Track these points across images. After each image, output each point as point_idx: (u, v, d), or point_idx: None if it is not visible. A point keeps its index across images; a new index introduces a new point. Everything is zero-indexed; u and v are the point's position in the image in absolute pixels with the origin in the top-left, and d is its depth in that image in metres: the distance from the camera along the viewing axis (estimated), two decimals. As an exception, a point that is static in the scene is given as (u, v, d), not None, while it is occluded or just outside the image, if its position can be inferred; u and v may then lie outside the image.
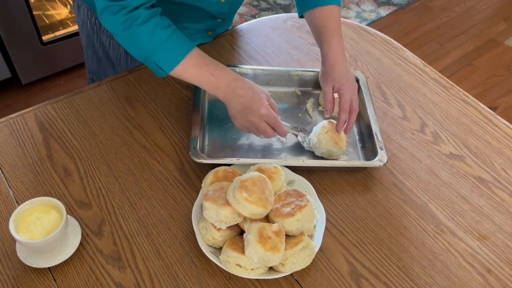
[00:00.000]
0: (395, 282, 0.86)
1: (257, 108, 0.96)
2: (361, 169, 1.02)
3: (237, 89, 0.97)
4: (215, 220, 0.82)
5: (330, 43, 1.07)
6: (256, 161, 0.96)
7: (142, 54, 0.96)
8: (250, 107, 0.96)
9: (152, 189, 0.97)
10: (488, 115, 1.16)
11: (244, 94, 0.97)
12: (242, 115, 0.98)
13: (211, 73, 0.97)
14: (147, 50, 0.94)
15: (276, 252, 0.78)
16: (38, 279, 0.83)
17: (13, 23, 2.09)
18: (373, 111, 1.09)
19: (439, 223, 0.95)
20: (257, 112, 0.96)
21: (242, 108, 0.97)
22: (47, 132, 1.05)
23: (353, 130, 1.11)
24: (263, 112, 0.96)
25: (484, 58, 2.76)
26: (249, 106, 0.96)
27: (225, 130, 1.08)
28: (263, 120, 0.97)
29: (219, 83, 0.97)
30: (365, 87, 1.14)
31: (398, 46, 1.35)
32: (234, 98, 0.97)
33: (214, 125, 1.09)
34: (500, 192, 1.01)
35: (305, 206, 0.83)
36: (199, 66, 0.97)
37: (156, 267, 0.86)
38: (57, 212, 0.83)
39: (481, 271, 0.89)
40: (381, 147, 1.01)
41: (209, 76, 0.97)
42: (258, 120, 0.96)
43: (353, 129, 1.11)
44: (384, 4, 3.07)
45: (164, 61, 0.95)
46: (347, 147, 1.07)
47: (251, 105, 0.96)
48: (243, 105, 0.97)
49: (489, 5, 3.15)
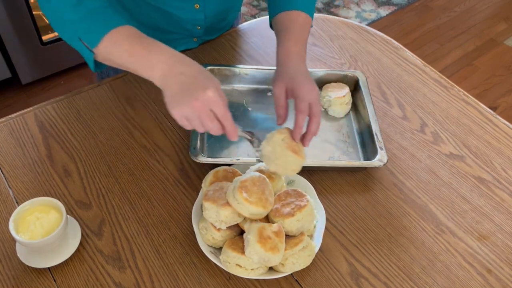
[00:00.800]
0: (395, 282, 0.86)
1: (203, 88, 0.73)
2: (361, 169, 1.02)
3: (176, 66, 0.77)
4: (215, 220, 0.82)
5: (285, 44, 0.92)
6: (255, 161, 0.96)
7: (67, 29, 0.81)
8: (194, 88, 0.74)
9: (152, 189, 0.97)
10: (488, 115, 1.16)
11: (186, 71, 0.76)
12: (181, 98, 0.75)
13: (144, 48, 0.78)
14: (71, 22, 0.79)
15: (276, 252, 0.78)
16: (38, 279, 0.83)
17: (13, 23, 2.09)
18: (373, 111, 1.09)
19: (439, 223, 0.95)
20: (203, 94, 0.73)
21: (182, 89, 0.75)
22: (47, 132, 1.05)
23: (353, 130, 1.11)
24: (210, 95, 0.73)
25: (484, 58, 2.76)
26: (193, 86, 0.74)
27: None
28: (209, 107, 0.74)
29: (155, 59, 0.78)
30: (365, 87, 1.15)
31: (398, 46, 1.35)
32: (172, 78, 0.76)
33: None
34: (500, 192, 1.01)
35: (305, 206, 0.83)
36: (131, 38, 0.79)
37: (156, 267, 0.86)
38: (57, 212, 0.83)
39: (481, 271, 0.89)
40: (381, 147, 1.01)
41: (141, 51, 0.78)
42: (202, 106, 0.74)
43: (352, 129, 1.11)
44: (384, 4, 3.07)
45: (89, 34, 0.79)
46: (347, 147, 1.07)
47: (194, 85, 0.74)
48: (184, 85, 0.75)
49: (489, 5, 3.15)
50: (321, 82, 1.18)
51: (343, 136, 1.09)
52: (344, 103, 1.12)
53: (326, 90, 1.14)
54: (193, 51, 1.26)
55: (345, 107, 1.13)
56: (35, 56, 2.26)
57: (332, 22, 1.41)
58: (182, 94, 0.75)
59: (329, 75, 1.18)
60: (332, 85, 1.15)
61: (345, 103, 1.12)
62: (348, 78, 1.18)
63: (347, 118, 1.14)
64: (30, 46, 2.20)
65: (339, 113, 1.13)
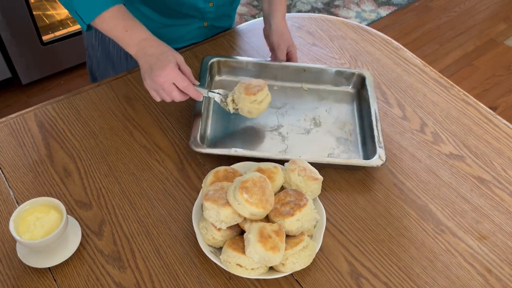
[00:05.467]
0: (395, 282, 0.86)
1: (162, 67, 0.93)
2: (360, 168, 1.02)
3: (146, 48, 0.96)
4: (215, 220, 0.82)
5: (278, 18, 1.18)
6: (254, 154, 0.98)
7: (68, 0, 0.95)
8: (156, 67, 0.93)
9: (152, 189, 0.97)
10: (488, 115, 1.16)
11: (152, 53, 0.95)
12: (149, 75, 0.95)
13: (125, 29, 0.96)
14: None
15: (276, 251, 0.78)
16: (38, 279, 0.83)
17: (13, 23, 2.09)
18: (376, 110, 1.09)
19: (439, 223, 0.95)
20: (164, 72, 0.93)
21: (149, 67, 0.95)
22: (47, 132, 1.05)
23: (356, 128, 1.11)
24: (170, 72, 0.93)
25: (484, 58, 2.76)
26: (155, 65, 0.94)
27: (226, 122, 1.10)
28: (171, 81, 0.94)
29: (131, 40, 0.96)
30: (371, 86, 1.14)
31: (398, 46, 1.35)
32: (143, 57, 0.96)
33: (216, 118, 1.10)
34: (500, 192, 1.01)
35: (305, 206, 0.83)
36: (116, 19, 0.96)
37: (156, 267, 0.86)
38: (57, 212, 0.83)
39: (481, 271, 0.89)
40: (380, 146, 1.01)
41: (123, 32, 0.96)
42: (164, 81, 0.94)
43: (355, 127, 1.11)
44: (384, 4, 3.07)
45: (84, 10, 0.95)
46: (348, 145, 1.07)
47: (157, 64, 0.93)
48: (150, 64, 0.94)
49: (489, 5, 3.15)
50: (326, 79, 1.20)
51: (345, 133, 1.10)
52: (255, 102, 1.02)
53: (240, 86, 1.03)
54: (193, 51, 1.26)
55: (256, 106, 1.02)
56: (35, 56, 2.26)
57: (332, 22, 1.41)
58: (150, 72, 0.95)
59: (337, 72, 1.19)
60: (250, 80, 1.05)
61: (257, 102, 1.02)
62: (355, 76, 1.19)
63: (352, 116, 1.14)
64: (30, 46, 2.20)
65: (249, 113, 1.03)
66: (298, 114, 1.13)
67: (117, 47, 1.25)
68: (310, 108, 1.15)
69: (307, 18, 1.41)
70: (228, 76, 1.21)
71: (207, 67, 1.16)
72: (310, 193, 0.90)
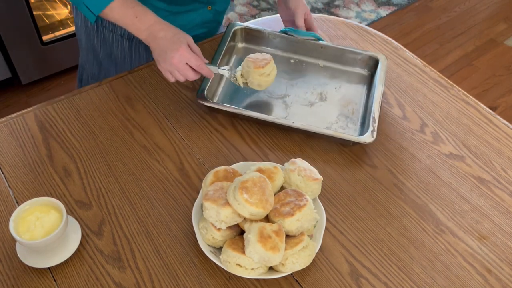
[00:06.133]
0: (395, 282, 0.86)
1: (176, 49, 0.98)
2: (350, 143, 1.05)
3: (157, 31, 1.01)
4: (215, 220, 0.82)
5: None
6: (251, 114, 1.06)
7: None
8: (170, 49, 0.98)
9: (152, 189, 0.97)
10: (488, 115, 1.16)
11: (164, 36, 1.00)
12: (163, 57, 1.00)
13: (135, 15, 1.00)
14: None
15: (276, 251, 0.78)
16: (38, 279, 0.83)
17: (13, 23, 2.09)
18: (380, 93, 1.11)
19: (439, 223, 0.95)
20: (177, 53, 0.98)
21: (162, 50, 1.00)
22: (47, 132, 1.05)
23: (359, 108, 1.14)
24: (183, 53, 0.98)
25: (484, 58, 2.76)
26: (169, 48, 0.99)
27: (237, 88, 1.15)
28: (185, 61, 0.99)
29: (142, 25, 1.01)
30: (382, 70, 1.17)
31: (398, 46, 1.35)
32: (155, 41, 1.01)
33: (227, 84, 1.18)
34: (500, 192, 1.01)
35: (304, 206, 0.83)
36: (124, 7, 1.01)
37: (156, 267, 0.86)
38: (57, 212, 0.83)
39: (481, 271, 0.89)
40: (374, 125, 1.04)
41: (132, 18, 1.01)
42: (178, 62, 0.99)
43: (358, 109, 1.14)
44: (384, 4, 3.07)
45: (93, 1, 1.00)
46: (348, 122, 1.11)
47: (170, 47, 0.99)
48: (163, 47, 1.00)
49: (489, 5, 3.15)
50: (343, 59, 1.23)
51: (347, 111, 1.14)
52: (264, 74, 1.06)
53: (247, 61, 1.07)
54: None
55: (264, 79, 1.07)
56: (35, 56, 2.26)
57: (332, 22, 1.41)
58: (163, 55, 1.00)
59: (353, 53, 1.23)
60: (256, 55, 1.09)
61: (265, 75, 1.06)
62: (370, 59, 1.22)
63: (359, 96, 1.17)
64: (30, 46, 2.20)
65: (259, 85, 1.08)
66: (306, 87, 1.18)
67: (121, 47, 1.25)
68: (320, 83, 1.20)
69: (307, 18, 1.41)
70: (250, 44, 1.28)
71: (230, 33, 1.23)
72: (310, 193, 0.90)
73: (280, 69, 1.19)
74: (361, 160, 1.05)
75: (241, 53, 1.26)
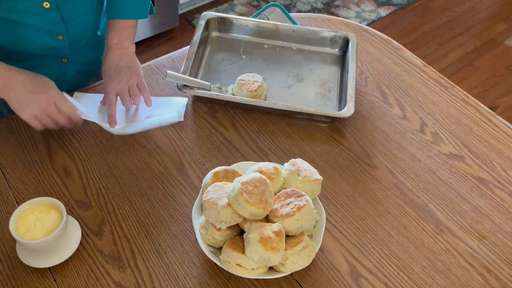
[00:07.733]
0: (395, 282, 0.86)
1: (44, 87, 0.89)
2: (328, 118, 1.10)
3: (15, 76, 0.90)
4: (215, 220, 0.82)
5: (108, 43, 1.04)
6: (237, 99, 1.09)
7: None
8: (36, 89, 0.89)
9: (152, 189, 0.97)
10: (488, 115, 1.16)
11: (25, 78, 0.90)
12: (28, 100, 0.89)
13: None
14: None
15: (276, 251, 0.78)
16: (38, 279, 0.83)
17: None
18: (354, 70, 1.15)
19: (439, 223, 0.95)
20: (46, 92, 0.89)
21: (26, 92, 0.89)
22: (47, 132, 1.05)
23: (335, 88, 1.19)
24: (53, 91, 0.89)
25: (484, 58, 2.76)
26: (35, 88, 0.89)
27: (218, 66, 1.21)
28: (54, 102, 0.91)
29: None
30: (353, 48, 1.22)
31: (398, 46, 1.35)
32: (14, 86, 0.89)
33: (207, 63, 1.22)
34: (500, 192, 1.01)
35: (304, 206, 0.83)
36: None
37: (156, 267, 0.86)
38: (57, 212, 0.84)
39: (481, 271, 0.89)
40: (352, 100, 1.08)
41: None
42: (48, 103, 0.90)
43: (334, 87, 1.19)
44: (384, 4, 3.07)
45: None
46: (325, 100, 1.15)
47: (36, 86, 0.89)
48: (27, 88, 0.89)
49: (489, 5, 3.14)
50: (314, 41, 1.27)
51: (324, 90, 1.18)
52: (256, 96, 1.11)
53: (239, 83, 1.12)
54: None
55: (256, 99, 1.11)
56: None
57: (332, 22, 1.41)
58: (28, 96, 0.89)
59: (323, 34, 1.27)
60: (247, 76, 1.13)
61: (257, 96, 1.11)
62: (340, 39, 1.26)
63: (334, 76, 1.22)
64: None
65: None
66: (283, 71, 1.23)
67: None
68: (295, 66, 1.24)
69: (307, 18, 1.41)
70: (224, 33, 1.30)
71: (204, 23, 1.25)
72: (310, 193, 0.90)
73: (255, 55, 1.26)
74: (361, 160, 1.05)
75: (215, 43, 1.28)
